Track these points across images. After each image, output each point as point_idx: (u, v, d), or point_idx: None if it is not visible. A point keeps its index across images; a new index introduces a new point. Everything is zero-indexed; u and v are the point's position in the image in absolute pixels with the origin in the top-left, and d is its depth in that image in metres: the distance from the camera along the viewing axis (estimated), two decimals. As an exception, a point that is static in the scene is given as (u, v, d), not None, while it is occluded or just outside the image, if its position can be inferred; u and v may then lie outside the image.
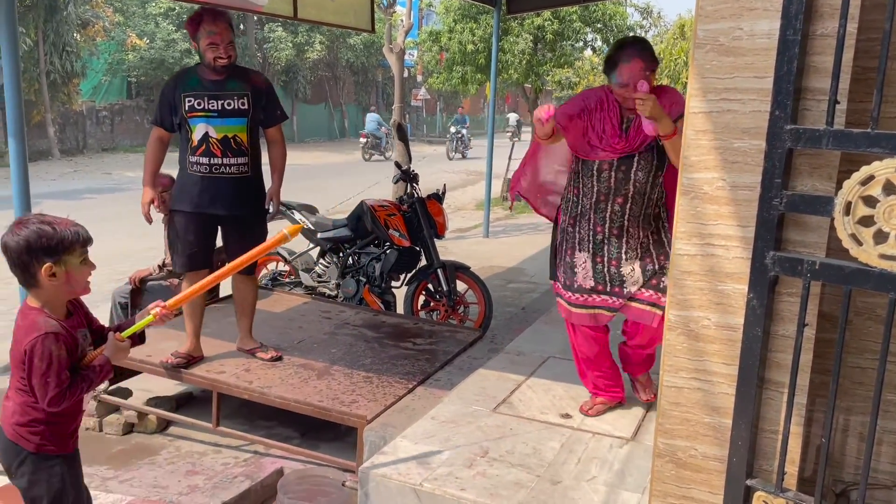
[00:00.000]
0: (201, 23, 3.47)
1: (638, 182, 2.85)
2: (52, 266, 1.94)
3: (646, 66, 2.72)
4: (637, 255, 2.89)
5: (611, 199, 2.88)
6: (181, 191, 3.63)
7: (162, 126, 3.62)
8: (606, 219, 2.90)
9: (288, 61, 25.53)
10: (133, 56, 22.12)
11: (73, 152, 19.92)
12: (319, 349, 4.03)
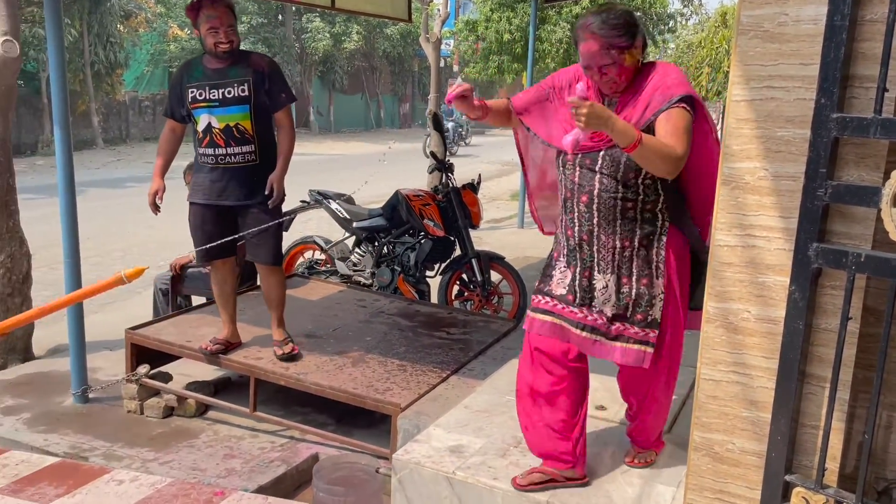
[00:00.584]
0: (201, 8, 3.40)
1: (605, 178, 2.29)
2: None
3: (606, 44, 2.19)
4: (612, 269, 2.35)
5: (576, 196, 2.36)
6: (195, 183, 3.66)
7: (172, 117, 3.65)
8: (574, 221, 2.39)
9: (325, 52, 25.67)
10: (174, 46, 22.48)
11: (116, 141, 20.35)
12: (354, 337, 4.07)
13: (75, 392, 3.89)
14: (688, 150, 2.13)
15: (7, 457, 3.24)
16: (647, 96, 2.22)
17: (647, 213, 2.33)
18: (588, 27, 2.21)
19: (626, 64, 2.23)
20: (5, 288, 4.39)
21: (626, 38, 2.20)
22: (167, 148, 3.69)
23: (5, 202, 4.34)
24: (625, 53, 2.21)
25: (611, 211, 2.31)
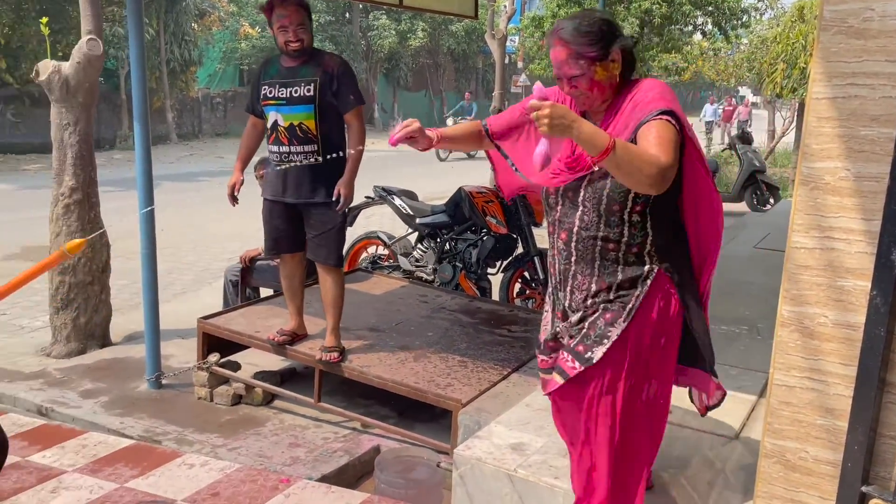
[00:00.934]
0: (274, 7, 3.44)
1: (586, 214, 2.04)
2: None
3: (575, 52, 1.97)
4: (581, 311, 2.11)
5: (556, 232, 2.15)
6: (266, 178, 3.73)
7: (252, 113, 3.73)
8: (554, 258, 2.17)
9: (391, 49, 25.90)
10: (245, 45, 23.08)
11: (188, 137, 21.04)
12: (416, 332, 4.10)
13: (149, 378, 4.05)
14: (676, 164, 1.84)
15: (86, 438, 3.40)
16: (627, 115, 1.98)
17: (632, 257, 2.05)
18: (558, 32, 2.00)
19: (597, 77, 1.99)
20: (86, 276, 4.59)
21: (596, 49, 1.97)
22: (247, 143, 3.76)
23: (87, 194, 4.54)
24: (595, 65, 1.98)
25: (589, 251, 2.06)
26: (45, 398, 3.87)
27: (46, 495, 2.87)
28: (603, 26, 1.99)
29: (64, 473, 3.04)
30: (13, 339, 4.95)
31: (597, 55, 1.97)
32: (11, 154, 16.21)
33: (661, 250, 2.05)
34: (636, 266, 2.05)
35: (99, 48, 4.30)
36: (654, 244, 2.04)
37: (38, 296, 6.00)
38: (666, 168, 1.81)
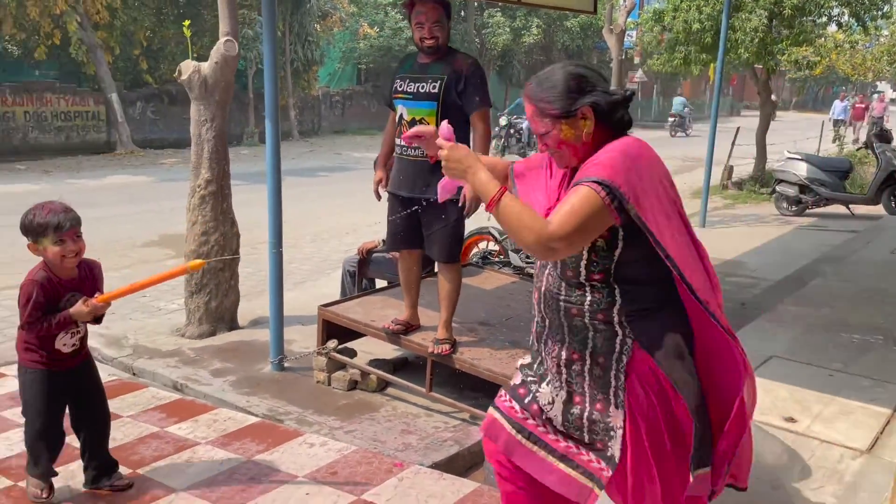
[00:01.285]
0: (414, 4, 3.49)
1: (550, 274, 1.94)
2: (33, 244, 2.60)
3: (538, 110, 1.88)
4: (560, 383, 1.97)
5: (533, 289, 2.05)
6: (392, 172, 3.79)
7: (389, 107, 3.82)
8: (534, 316, 2.06)
9: (504, 46, 25.93)
10: (364, 44, 23.76)
11: (309, 134, 21.94)
12: (526, 328, 4.08)
13: (273, 361, 4.28)
14: (571, 236, 1.71)
15: (217, 413, 3.65)
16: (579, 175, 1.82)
17: (601, 324, 1.87)
18: (526, 87, 1.93)
19: (562, 136, 1.85)
20: (217, 263, 4.90)
21: (558, 106, 1.84)
22: (387, 138, 3.84)
23: (221, 186, 4.84)
24: (560, 123, 1.84)
25: (556, 314, 1.92)
26: (180, 375, 4.17)
27: (182, 464, 3.10)
28: (570, 81, 1.85)
29: (197, 445, 3.28)
30: (152, 320, 5.36)
31: (559, 112, 1.84)
32: (150, 149, 17.48)
33: (634, 319, 1.85)
34: (607, 336, 1.87)
35: (235, 49, 4.58)
36: (624, 311, 1.85)
37: (174, 281, 6.46)
38: (548, 239, 1.71)
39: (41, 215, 2.56)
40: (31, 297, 2.57)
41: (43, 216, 2.56)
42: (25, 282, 2.61)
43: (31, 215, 2.58)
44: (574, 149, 1.87)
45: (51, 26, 14.87)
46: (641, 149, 1.82)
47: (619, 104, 1.86)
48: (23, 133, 16.13)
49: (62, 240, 2.57)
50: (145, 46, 17.98)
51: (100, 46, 16.15)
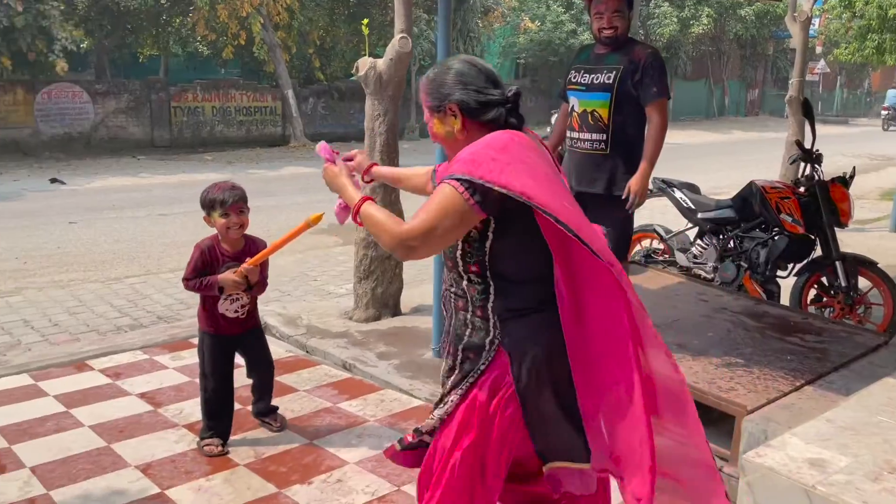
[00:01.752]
0: None
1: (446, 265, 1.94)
2: (206, 217, 3.01)
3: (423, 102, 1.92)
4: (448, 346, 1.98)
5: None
6: (563, 164, 3.75)
7: (562, 98, 3.78)
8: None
9: (670, 37, 24.91)
10: (524, 38, 23.75)
11: (467, 128, 22.27)
12: (694, 331, 3.94)
13: (434, 347, 4.41)
14: (427, 234, 1.71)
15: (383, 394, 3.82)
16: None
17: (478, 320, 1.85)
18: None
19: (435, 129, 1.90)
20: (384, 251, 5.11)
21: (430, 99, 1.88)
22: (557, 128, 3.83)
23: (390, 178, 5.04)
24: (433, 117, 1.88)
25: (451, 306, 1.93)
26: (348, 355, 4.40)
27: (354, 438, 3.28)
28: (447, 76, 1.86)
29: (367, 422, 3.45)
30: (323, 303, 5.69)
31: (431, 106, 1.88)
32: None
33: (506, 319, 1.82)
34: (480, 334, 1.85)
35: (408, 45, 4.74)
36: (497, 309, 1.82)
37: (342, 266, 6.83)
38: (404, 238, 1.73)
39: (212, 192, 2.99)
40: (193, 260, 3.03)
41: (213, 192, 2.98)
42: (194, 247, 3.07)
43: (205, 192, 3.03)
44: (448, 144, 1.90)
45: (237, 27, 16.16)
46: (508, 138, 1.78)
47: (493, 104, 1.82)
48: (210, 126, 17.69)
49: (227, 213, 2.97)
50: (318, 45, 19.06)
51: (279, 46, 17.32)
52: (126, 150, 16.22)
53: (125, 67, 21.53)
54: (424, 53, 18.64)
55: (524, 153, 1.76)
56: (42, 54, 14.43)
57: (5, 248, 7.44)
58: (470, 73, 1.85)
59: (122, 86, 16.97)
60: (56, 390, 3.80)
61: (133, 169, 14.01)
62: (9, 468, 3.04)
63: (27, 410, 3.58)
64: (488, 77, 1.86)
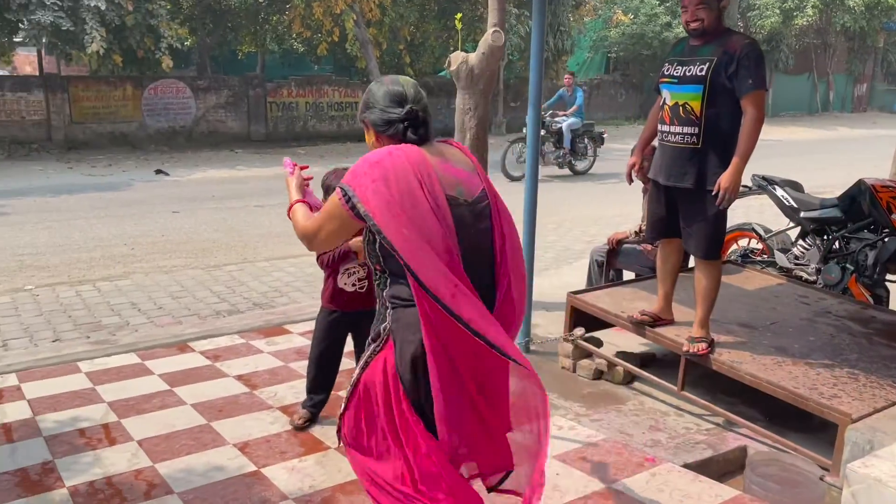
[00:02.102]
0: None
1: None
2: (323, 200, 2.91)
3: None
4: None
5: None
6: (654, 157, 3.66)
7: (657, 91, 3.69)
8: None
9: (772, 29, 23.84)
10: (615, 32, 23.26)
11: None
12: (795, 334, 3.78)
13: (519, 342, 4.39)
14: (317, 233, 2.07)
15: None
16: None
17: (381, 308, 2.08)
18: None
19: (367, 142, 2.15)
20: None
21: (358, 115, 2.17)
22: (650, 124, 3.74)
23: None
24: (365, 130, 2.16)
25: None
26: (434, 347, 4.46)
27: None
28: (367, 96, 2.11)
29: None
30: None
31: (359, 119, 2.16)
32: (408, 137, 18.77)
33: (395, 307, 2.01)
34: (382, 319, 2.07)
35: (501, 39, 4.72)
36: (389, 298, 2.03)
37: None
38: (302, 234, 2.14)
39: (330, 178, 3.18)
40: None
41: (331, 178, 3.16)
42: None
43: (325, 177, 3.23)
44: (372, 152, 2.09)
45: (331, 25, 16.55)
46: (386, 153, 1.96)
47: (393, 122, 2.04)
48: (303, 121, 18.22)
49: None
50: (409, 41, 19.29)
51: (370, 42, 17.63)
52: (224, 143, 16.91)
53: (225, 64, 22.45)
54: (513, 48, 18.54)
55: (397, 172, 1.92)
56: (150, 52, 15.22)
57: (115, 235, 7.92)
58: (377, 93, 2.09)
59: (222, 82, 17.69)
60: (160, 369, 4.02)
61: (231, 161, 14.60)
62: (118, 441, 3.24)
63: (135, 387, 3.81)
64: (393, 97, 2.07)
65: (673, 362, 3.76)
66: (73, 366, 4.09)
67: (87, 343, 4.60)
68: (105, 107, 15.98)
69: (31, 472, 2.96)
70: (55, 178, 11.99)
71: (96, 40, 13.67)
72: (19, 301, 5.58)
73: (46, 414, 3.48)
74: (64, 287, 5.97)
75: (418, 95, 2.08)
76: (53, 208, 9.45)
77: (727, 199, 3.26)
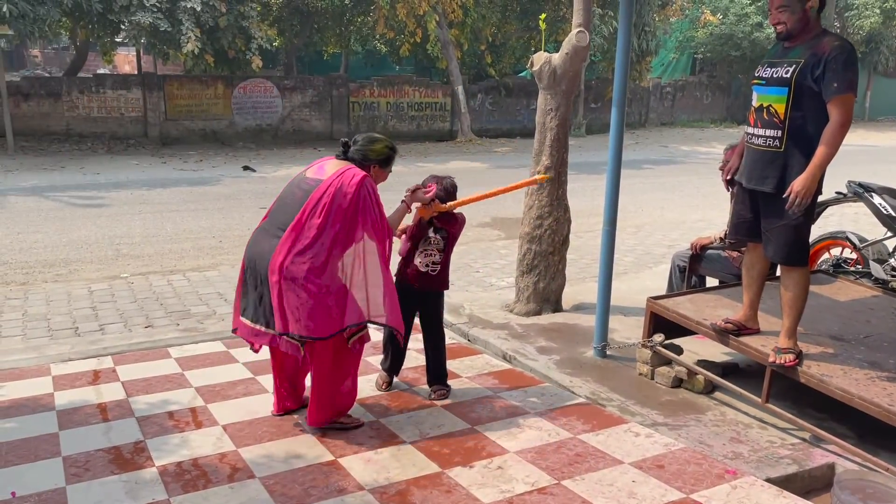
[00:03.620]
0: None
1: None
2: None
3: None
4: None
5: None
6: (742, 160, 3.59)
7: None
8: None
9: (871, 29, 22.66)
10: (702, 33, 22.61)
11: (634, 125, 21.63)
12: (891, 349, 3.59)
13: (596, 346, 4.34)
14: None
15: (544, 388, 3.83)
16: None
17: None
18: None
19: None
20: (549, 247, 5.10)
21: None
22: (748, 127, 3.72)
23: (558, 174, 5.02)
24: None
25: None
26: (509, 347, 4.45)
27: (514, 429, 3.32)
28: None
29: (527, 414, 3.48)
30: (485, 294, 5.79)
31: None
32: (486, 137, 18.79)
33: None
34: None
35: (586, 39, 4.68)
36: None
37: (504, 260, 6.91)
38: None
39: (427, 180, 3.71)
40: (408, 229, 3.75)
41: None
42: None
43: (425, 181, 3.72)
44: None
45: (414, 25, 16.75)
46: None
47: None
48: (384, 121, 18.51)
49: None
50: (490, 42, 19.31)
51: (452, 43, 17.75)
52: (308, 141, 17.37)
53: (310, 64, 23.05)
54: (596, 49, 18.26)
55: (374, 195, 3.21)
56: (240, 52, 15.79)
57: (205, 228, 8.26)
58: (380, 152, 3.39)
59: (307, 81, 18.16)
60: (244, 358, 4.17)
61: (314, 159, 14.98)
62: (205, 424, 3.38)
63: (221, 374, 3.97)
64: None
65: (757, 373, 3.64)
66: (164, 351, 4.30)
67: (177, 330, 4.82)
68: (197, 104, 16.69)
69: (123, 451, 3.13)
70: (150, 172, 12.60)
71: (191, 40, 14.28)
72: (115, 288, 5.90)
73: (139, 396, 3.67)
74: (156, 276, 6.28)
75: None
76: (148, 200, 9.94)
77: (799, 203, 3.16)
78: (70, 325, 5.00)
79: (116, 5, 13.99)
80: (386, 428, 3.36)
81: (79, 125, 15.87)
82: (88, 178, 11.77)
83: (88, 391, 3.73)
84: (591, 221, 8.42)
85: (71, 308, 5.37)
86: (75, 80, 16.74)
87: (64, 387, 3.77)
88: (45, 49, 30.89)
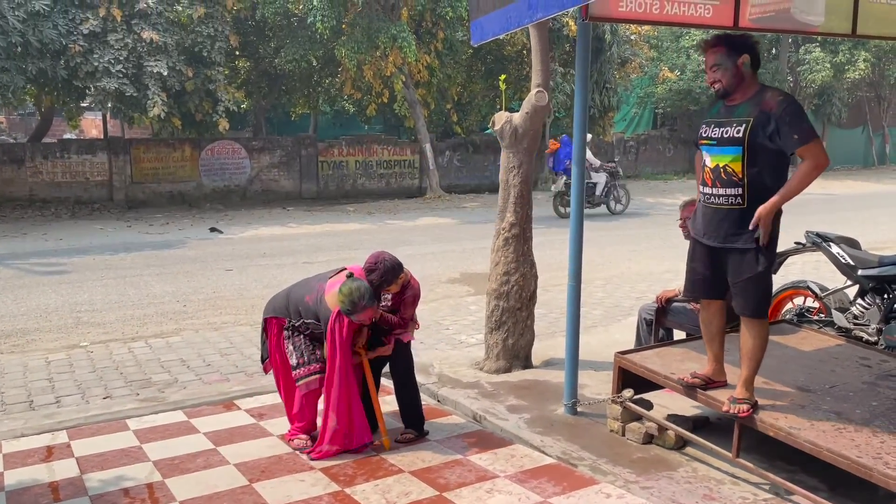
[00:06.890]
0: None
1: None
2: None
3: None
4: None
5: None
6: (694, 216, 3.63)
7: (697, 147, 3.66)
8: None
9: (823, 83, 23.57)
10: (662, 88, 23.32)
11: (602, 179, 22.00)
12: (856, 399, 3.60)
13: (566, 404, 4.29)
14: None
15: (514, 449, 3.75)
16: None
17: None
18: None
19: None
20: (516, 303, 5.09)
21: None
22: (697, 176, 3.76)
23: (523, 230, 5.05)
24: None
25: None
26: (479, 407, 4.38)
27: (483, 494, 3.23)
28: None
29: (497, 477, 3.39)
30: (454, 352, 5.73)
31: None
32: (455, 193, 18.96)
33: None
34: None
35: (545, 99, 4.78)
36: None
37: (474, 316, 6.87)
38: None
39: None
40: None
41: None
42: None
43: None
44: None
45: (381, 86, 17.03)
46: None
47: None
48: (353, 179, 18.62)
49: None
50: (456, 101, 19.69)
51: (419, 102, 18.05)
52: (277, 201, 17.36)
53: (279, 125, 23.22)
54: (559, 105, 18.71)
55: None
56: (208, 115, 15.87)
57: (169, 292, 8.12)
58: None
59: (276, 142, 18.27)
60: (206, 427, 4.05)
61: (282, 219, 14.94)
62: (161, 501, 3.25)
63: (180, 446, 3.83)
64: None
65: (727, 426, 3.61)
66: (122, 423, 4.16)
67: (137, 400, 4.67)
68: (164, 167, 16.64)
69: (75, 532, 2.98)
70: (114, 237, 12.43)
71: (157, 105, 14.33)
72: (74, 358, 5.73)
73: (93, 473, 3.52)
74: (117, 344, 6.12)
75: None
76: (111, 266, 9.77)
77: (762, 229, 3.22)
78: (25, 399, 4.82)
79: (82, 72, 14.02)
80: (351, 498, 3.25)
81: (42, 191, 15.70)
82: (51, 245, 11.57)
83: (40, 469, 3.57)
84: (561, 275, 8.41)
85: (26, 380, 5.19)
86: (39, 145, 16.63)
87: (15, 465, 3.61)
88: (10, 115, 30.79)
